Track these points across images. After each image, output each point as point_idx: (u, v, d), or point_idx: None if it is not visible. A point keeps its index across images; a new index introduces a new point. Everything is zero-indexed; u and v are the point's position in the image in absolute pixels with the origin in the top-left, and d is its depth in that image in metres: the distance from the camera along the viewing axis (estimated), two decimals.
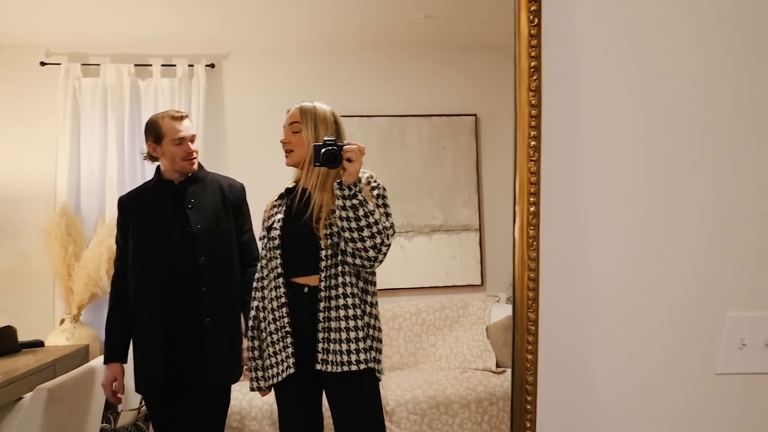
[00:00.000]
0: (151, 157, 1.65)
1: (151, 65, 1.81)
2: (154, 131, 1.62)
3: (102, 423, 1.70)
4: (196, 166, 1.65)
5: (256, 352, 1.58)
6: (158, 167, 1.66)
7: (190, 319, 1.62)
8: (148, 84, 1.81)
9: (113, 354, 1.65)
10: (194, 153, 1.64)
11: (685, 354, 1.19)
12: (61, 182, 1.79)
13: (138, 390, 1.64)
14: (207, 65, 1.82)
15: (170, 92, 1.81)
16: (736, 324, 1.17)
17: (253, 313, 1.58)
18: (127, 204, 1.66)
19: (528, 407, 1.06)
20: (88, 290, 1.77)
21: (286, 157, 1.53)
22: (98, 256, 1.77)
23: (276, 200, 1.58)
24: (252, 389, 1.59)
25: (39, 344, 1.74)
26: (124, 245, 1.64)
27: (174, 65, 1.82)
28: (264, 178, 1.68)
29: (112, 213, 1.78)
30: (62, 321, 1.78)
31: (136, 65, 1.80)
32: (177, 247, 1.62)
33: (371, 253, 1.45)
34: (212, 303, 1.63)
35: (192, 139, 1.64)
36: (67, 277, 1.77)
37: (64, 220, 1.78)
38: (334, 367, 1.47)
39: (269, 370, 1.53)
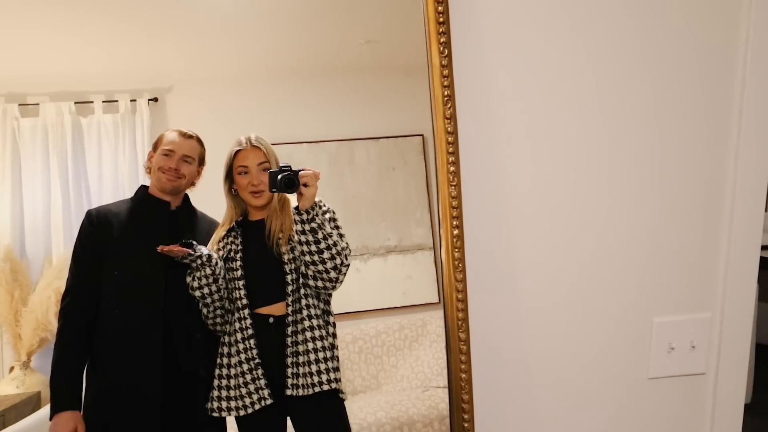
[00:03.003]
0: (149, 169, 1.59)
1: (92, 102, 1.78)
2: (157, 139, 1.60)
3: None
4: (172, 185, 1.57)
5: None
6: (142, 185, 1.60)
7: (181, 369, 1.54)
8: (90, 121, 1.78)
9: (69, 400, 1.48)
10: (174, 170, 1.56)
11: (618, 361, 1.23)
12: (3, 226, 1.73)
13: None
14: (150, 99, 1.81)
15: (113, 128, 1.78)
16: (663, 329, 1.22)
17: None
18: (106, 220, 1.54)
19: (465, 425, 1.07)
20: (37, 335, 1.72)
21: (258, 196, 1.55)
22: (46, 299, 1.72)
23: (224, 234, 1.57)
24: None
25: None
26: (88, 268, 1.51)
27: (116, 101, 1.79)
28: (211, 210, 1.67)
29: (58, 254, 1.74)
30: (12, 368, 1.72)
31: (76, 102, 1.77)
32: (171, 284, 1.53)
33: (333, 274, 1.50)
34: (205, 350, 1.56)
35: (183, 158, 1.57)
36: (15, 323, 1.72)
37: (9, 264, 1.72)
38: (305, 390, 1.49)
39: (238, 400, 1.53)
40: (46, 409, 1.64)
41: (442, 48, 1.05)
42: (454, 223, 1.07)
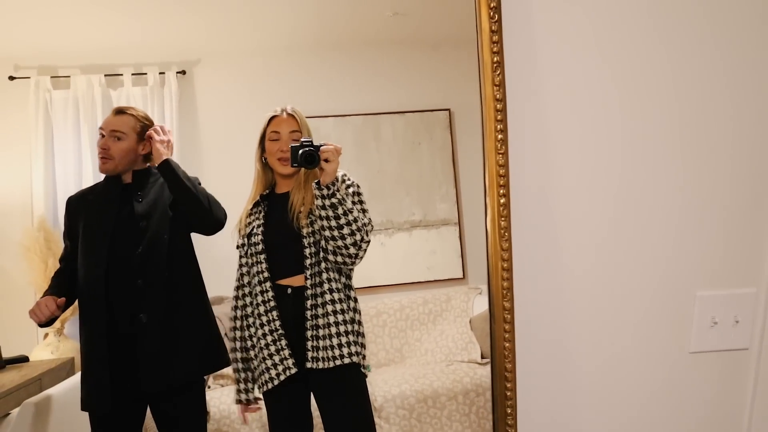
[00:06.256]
0: None
1: (121, 74, 1.80)
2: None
3: None
4: (108, 166, 1.61)
5: (241, 365, 1.61)
6: None
7: (130, 316, 1.55)
8: (119, 93, 1.80)
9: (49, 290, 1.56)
10: (103, 150, 1.60)
11: (660, 334, 1.23)
12: (37, 196, 1.77)
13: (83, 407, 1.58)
14: (178, 72, 1.82)
15: (142, 101, 1.80)
16: (706, 303, 1.21)
17: (239, 323, 1.61)
18: (75, 203, 1.64)
19: (508, 394, 1.09)
20: None
21: (285, 164, 1.56)
22: None
23: (251, 208, 1.59)
24: (239, 401, 1.60)
25: (24, 359, 1.73)
26: (71, 245, 1.61)
27: (145, 73, 1.81)
28: (239, 182, 1.68)
29: None
30: (46, 335, 1.76)
31: (106, 75, 1.78)
32: (119, 240, 1.56)
33: (352, 250, 1.50)
34: (147, 297, 1.56)
35: (111, 134, 1.60)
36: None
37: (42, 234, 1.76)
38: (325, 363, 1.51)
39: (264, 374, 1.55)
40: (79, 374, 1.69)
41: (492, 13, 1.03)
42: (501, 191, 1.07)
